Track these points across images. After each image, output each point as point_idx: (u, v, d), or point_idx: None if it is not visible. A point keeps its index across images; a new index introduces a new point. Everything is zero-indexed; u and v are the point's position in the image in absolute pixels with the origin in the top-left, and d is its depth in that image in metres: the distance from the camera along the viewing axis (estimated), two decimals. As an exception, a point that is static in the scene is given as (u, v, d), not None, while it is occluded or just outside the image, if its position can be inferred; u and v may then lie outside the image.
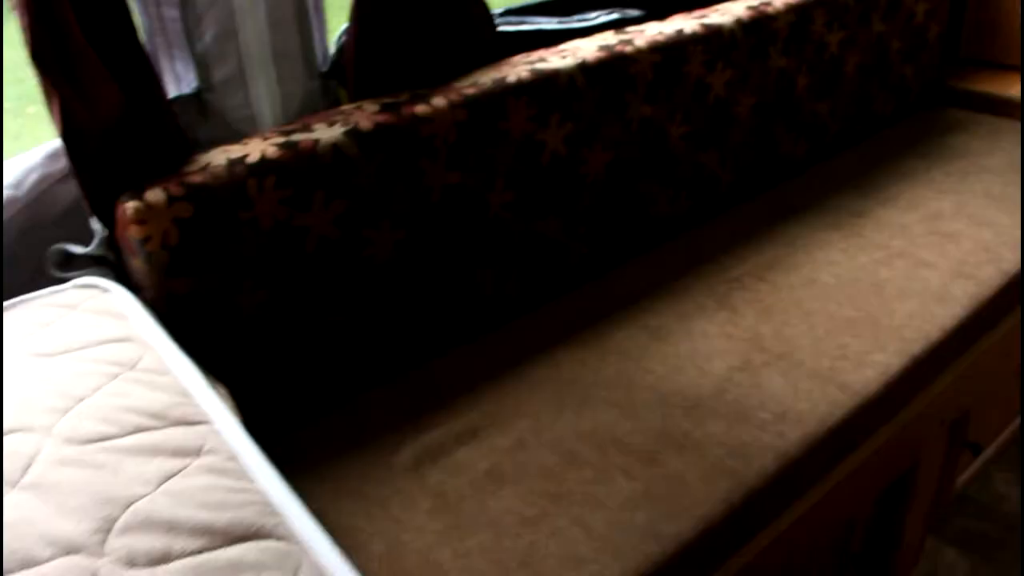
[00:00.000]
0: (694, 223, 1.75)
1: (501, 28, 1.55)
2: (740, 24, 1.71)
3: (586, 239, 1.57)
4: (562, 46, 1.53)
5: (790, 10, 1.81)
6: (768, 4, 1.79)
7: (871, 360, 1.35)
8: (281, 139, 1.21)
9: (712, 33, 1.66)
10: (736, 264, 1.60)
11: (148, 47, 1.26)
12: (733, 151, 1.77)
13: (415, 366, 1.39)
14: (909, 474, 1.54)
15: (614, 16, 1.67)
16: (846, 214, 1.77)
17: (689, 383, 1.32)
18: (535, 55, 1.49)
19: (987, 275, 1.56)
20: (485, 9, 1.45)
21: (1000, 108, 2.30)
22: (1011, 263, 1.60)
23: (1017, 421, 2.01)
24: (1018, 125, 2.21)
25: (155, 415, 0.86)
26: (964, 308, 1.48)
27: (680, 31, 1.62)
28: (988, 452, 1.91)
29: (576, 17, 1.64)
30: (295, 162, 1.20)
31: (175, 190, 1.12)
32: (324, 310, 1.27)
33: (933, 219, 1.74)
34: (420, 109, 1.32)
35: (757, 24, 1.74)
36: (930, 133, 2.15)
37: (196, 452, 0.82)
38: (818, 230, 1.71)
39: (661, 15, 1.70)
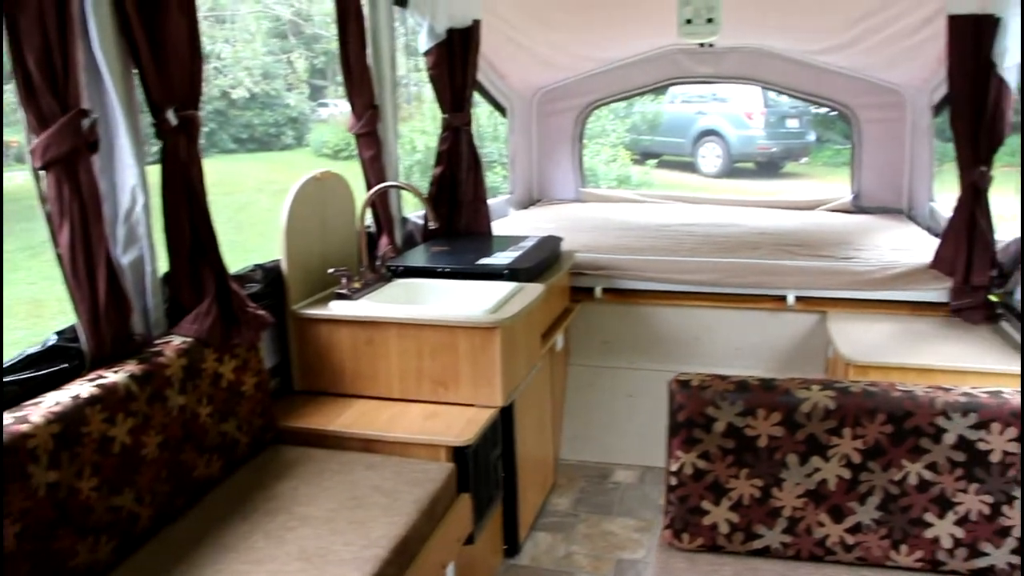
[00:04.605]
0: None
1: None
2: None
3: None
4: None
5: (52, 420, 1.71)
6: (24, 419, 1.68)
7: None
8: None
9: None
10: None
11: None
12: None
13: None
14: None
15: None
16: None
17: None
18: None
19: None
20: None
21: (331, 441, 2.44)
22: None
23: None
24: (344, 455, 2.34)
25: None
26: None
27: None
28: None
29: None
30: None
31: None
32: None
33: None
34: None
35: (14, 449, 1.61)
36: (258, 485, 2.17)
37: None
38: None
39: None
